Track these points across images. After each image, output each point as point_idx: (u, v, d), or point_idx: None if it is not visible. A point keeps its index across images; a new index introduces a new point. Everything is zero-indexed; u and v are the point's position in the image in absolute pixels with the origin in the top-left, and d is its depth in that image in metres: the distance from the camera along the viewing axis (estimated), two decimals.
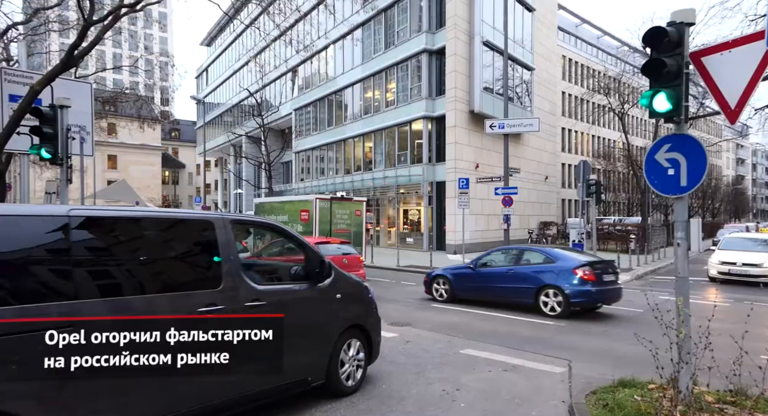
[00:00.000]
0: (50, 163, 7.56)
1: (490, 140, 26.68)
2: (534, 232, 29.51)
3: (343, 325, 5.26)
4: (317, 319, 5.00)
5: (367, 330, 5.59)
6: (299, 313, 4.78)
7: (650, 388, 5.17)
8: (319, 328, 5.00)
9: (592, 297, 9.77)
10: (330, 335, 5.10)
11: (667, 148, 4.83)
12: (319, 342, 4.98)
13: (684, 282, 4.77)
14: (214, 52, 54.88)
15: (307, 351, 4.81)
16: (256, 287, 4.41)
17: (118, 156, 61.31)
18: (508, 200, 16.69)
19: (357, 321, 5.47)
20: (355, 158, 32.65)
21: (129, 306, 3.55)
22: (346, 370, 5.28)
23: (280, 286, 5.09)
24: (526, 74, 30.72)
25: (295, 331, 4.57)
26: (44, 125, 7.16)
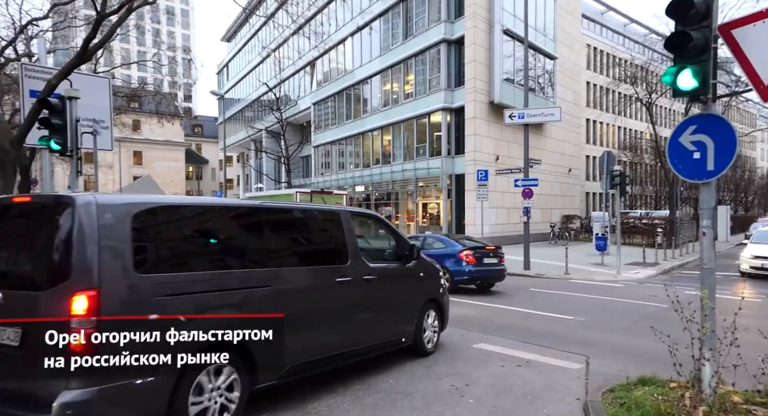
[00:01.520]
0: (60, 154, 7.55)
1: (510, 132, 26.14)
2: (556, 226, 28.86)
3: (424, 297, 6.44)
4: (408, 291, 6.20)
5: (441, 303, 6.76)
6: (397, 286, 6.04)
7: (672, 387, 4.87)
8: (410, 298, 6.20)
9: (472, 276, 11.62)
10: (416, 305, 6.27)
11: (693, 130, 4.49)
12: (410, 309, 6.16)
13: (710, 274, 4.44)
14: (234, 47, 55.18)
15: (402, 317, 6.03)
16: (369, 265, 5.58)
17: (144, 152, 62.39)
18: (528, 192, 16.28)
19: (434, 295, 6.63)
20: (373, 151, 32.44)
21: (299, 274, 4.84)
22: (427, 335, 6.43)
23: (383, 264, 6.03)
24: (548, 63, 30.00)
25: (394, 300, 5.89)
26: (53, 116, 7.13)
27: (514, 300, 10.84)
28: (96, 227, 3.46)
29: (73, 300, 3.30)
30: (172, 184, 58.01)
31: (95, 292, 3.34)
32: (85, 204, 3.52)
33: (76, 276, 3.37)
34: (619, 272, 15.78)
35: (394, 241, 6.36)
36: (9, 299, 3.53)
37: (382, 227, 6.72)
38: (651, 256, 19.15)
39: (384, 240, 6.64)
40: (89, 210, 3.50)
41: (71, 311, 3.29)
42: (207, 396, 3.83)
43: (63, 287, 3.36)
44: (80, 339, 3.27)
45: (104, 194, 4.08)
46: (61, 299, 3.33)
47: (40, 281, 3.58)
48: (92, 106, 13.26)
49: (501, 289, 12.59)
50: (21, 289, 3.64)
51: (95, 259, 3.40)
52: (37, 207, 4.03)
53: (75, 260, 3.39)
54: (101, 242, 3.45)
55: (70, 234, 3.47)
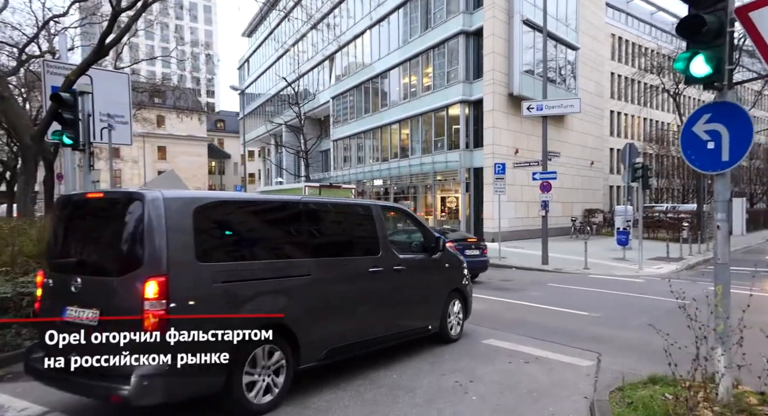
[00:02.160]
0: (72, 149, 7.65)
1: (530, 124, 25.69)
2: (577, 220, 28.30)
3: (449, 287, 6.73)
4: (435, 281, 6.50)
5: (465, 293, 7.03)
6: (424, 276, 6.35)
7: (684, 386, 4.69)
8: (436, 288, 6.50)
9: None
10: (442, 294, 6.57)
11: (707, 118, 4.29)
12: (436, 299, 6.46)
13: (724, 269, 4.26)
14: (255, 43, 55.49)
15: (429, 305, 6.34)
16: (399, 256, 5.94)
17: (167, 147, 63.41)
18: (546, 185, 15.97)
19: (458, 285, 6.91)
20: (392, 145, 32.30)
21: (336, 264, 5.21)
22: (452, 323, 6.72)
23: (411, 256, 6.36)
24: (570, 54, 29.34)
25: (421, 289, 6.21)
26: (64, 110, 7.22)
27: (528, 295, 10.65)
28: (164, 221, 3.86)
29: (146, 285, 3.72)
30: (195, 178, 58.82)
31: (164, 278, 3.75)
32: (154, 200, 3.91)
33: (148, 264, 3.80)
34: (640, 268, 15.39)
35: (421, 233, 6.73)
36: (87, 284, 4.04)
37: (410, 221, 7.10)
38: (676, 251, 18.62)
39: (412, 233, 7.07)
40: (157, 205, 3.89)
41: (144, 295, 3.71)
42: (258, 373, 4.24)
43: (136, 274, 3.80)
44: (152, 320, 3.70)
45: (169, 190, 4.36)
46: (134, 284, 3.76)
47: (115, 269, 4.01)
48: (111, 101, 13.47)
49: (515, 284, 12.41)
50: (98, 275, 4.11)
51: (164, 249, 3.81)
52: (110, 202, 4.47)
53: (146, 250, 3.82)
54: (168, 234, 3.85)
55: (141, 227, 3.88)
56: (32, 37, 15.96)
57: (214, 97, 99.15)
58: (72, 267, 4.27)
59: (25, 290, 6.30)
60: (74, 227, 4.60)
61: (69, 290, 4.06)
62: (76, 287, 4.04)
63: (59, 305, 4.13)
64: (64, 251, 4.54)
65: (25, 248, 8.07)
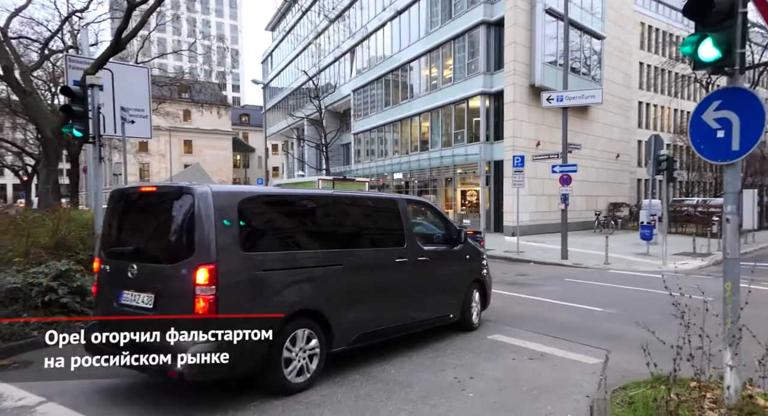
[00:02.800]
0: (82, 141, 7.75)
1: (552, 116, 25.15)
2: (601, 214, 27.65)
3: (470, 278, 6.97)
4: (456, 272, 6.72)
5: (484, 283, 7.27)
6: (446, 267, 6.57)
7: (692, 386, 4.49)
8: (458, 278, 6.72)
9: None
10: (463, 284, 6.80)
11: (717, 106, 4.06)
12: (458, 288, 6.69)
13: (734, 265, 4.04)
14: (278, 37, 55.74)
15: (451, 294, 6.58)
16: (422, 247, 6.19)
17: (193, 141, 64.44)
18: (566, 178, 15.59)
19: (478, 276, 7.13)
20: (411, 138, 32.10)
21: (365, 254, 5.49)
22: (472, 313, 6.94)
23: (434, 247, 6.57)
24: (595, 44, 28.59)
25: (444, 279, 6.44)
26: (74, 103, 7.31)
27: (542, 290, 10.42)
28: (212, 213, 4.15)
29: (197, 272, 4.03)
30: (220, 172, 59.64)
31: (213, 266, 4.06)
32: (203, 193, 4.21)
33: (198, 253, 4.10)
34: (664, 263, 14.91)
35: (444, 226, 6.97)
36: (142, 271, 4.38)
37: (433, 213, 7.29)
38: (704, 246, 18.02)
39: (435, 225, 7.21)
40: (206, 199, 4.19)
41: (195, 281, 4.02)
42: (295, 354, 4.55)
43: (188, 261, 4.11)
44: (202, 303, 4.02)
45: (217, 185, 4.70)
46: (186, 271, 4.08)
47: (168, 257, 4.36)
48: (134, 94, 13.67)
49: (531, 279, 12.18)
50: (152, 262, 4.46)
51: (212, 239, 4.11)
52: (162, 196, 4.81)
53: (197, 240, 4.12)
54: (216, 225, 4.14)
55: (192, 218, 4.18)
56: (54, 32, 16.29)
57: (239, 91, 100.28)
58: (128, 255, 4.63)
59: (35, 280, 6.44)
60: (129, 218, 4.98)
61: (126, 276, 4.42)
62: (132, 273, 4.40)
63: (116, 290, 4.52)
64: (120, 240, 4.93)
65: (40, 240, 8.26)
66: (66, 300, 6.43)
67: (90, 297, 6.88)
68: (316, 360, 4.73)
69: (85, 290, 6.80)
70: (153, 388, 4.64)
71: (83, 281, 6.81)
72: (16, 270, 6.94)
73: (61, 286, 6.45)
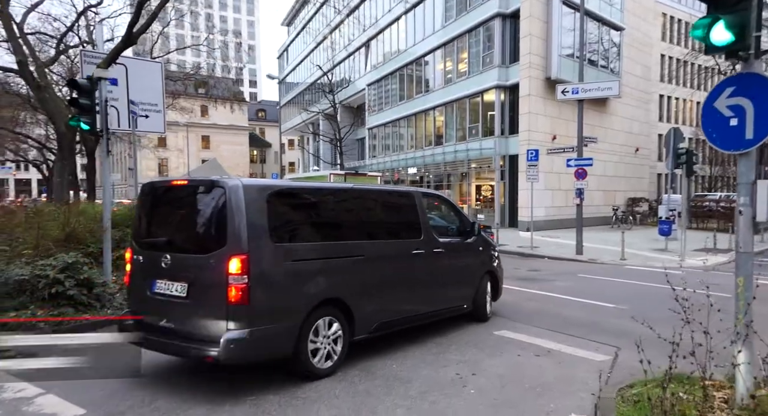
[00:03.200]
0: (89, 134, 7.78)
1: (569, 109, 24.66)
2: (619, 209, 27.11)
3: (483, 269, 7.11)
4: (470, 263, 6.88)
5: (496, 275, 7.43)
6: (460, 258, 6.73)
7: (702, 385, 4.33)
8: (471, 270, 6.88)
9: None
10: (476, 276, 6.96)
11: (730, 92, 3.87)
12: (471, 279, 6.85)
13: (747, 259, 3.87)
14: (294, 32, 55.80)
15: (465, 285, 6.73)
16: (438, 239, 6.33)
17: (211, 136, 65.05)
18: (581, 172, 15.28)
19: (490, 267, 7.28)
20: (426, 132, 31.88)
21: (384, 246, 5.65)
22: (485, 303, 7.09)
23: (449, 239, 6.69)
24: (614, 35, 27.98)
25: (458, 271, 6.60)
26: (81, 96, 7.33)
27: (553, 286, 10.23)
28: (243, 206, 4.26)
29: (230, 262, 4.14)
30: (237, 167, 60.14)
31: (246, 256, 4.16)
32: (235, 187, 4.32)
33: (231, 244, 4.20)
34: (683, 259, 14.56)
35: (458, 219, 7.14)
36: (175, 261, 4.51)
37: (447, 207, 7.42)
38: (725, 242, 17.54)
39: (449, 218, 7.30)
40: (238, 192, 4.29)
41: (228, 270, 4.12)
42: (320, 341, 4.72)
43: (221, 252, 4.22)
44: (236, 292, 4.11)
45: (247, 179, 4.78)
46: (220, 261, 4.18)
47: (202, 247, 4.48)
48: (147, 89, 13.72)
49: (543, 274, 11.98)
50: (186, 253, 4.58)
51: (244, 230, 4.21)
52: (194, 189, 4.94)
53: (229, 231, 4.22)
54: (248, 217, 4.25)
55: (224, 211, 4.29)
56: (69, 27, 16.46)
57: (256, 86, 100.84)
58: (161, 246, 4.78)
59: (42, 273, 6.48)
60: (161, 211, 5.15)
61: (159, 265, 4.55)
62: (165, 263, 4.52)
63: (149, 279, 4.67)
64: (153, 232, 5.11)
65: (51, 233, 8.35)
66: (72, 292, 6.46)
67: (97, 289, 6.95)
68: (340, 347, 4.91)
69: (92, 283, 6.86)
70: (148, 383, 4.63)
71: (90, 273, 6.85)
72: (25, 262, 7.02)
73: (68, 278, 6.47)
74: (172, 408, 4.02)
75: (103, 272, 7.63)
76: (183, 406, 4.06)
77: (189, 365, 5.11)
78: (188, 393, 4.34)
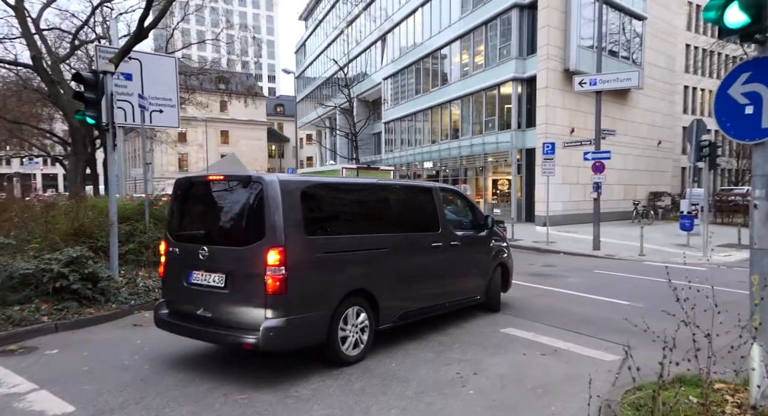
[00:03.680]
0: (95, 128, 7.79)
1: (588, 102, 24.06)
2: (640, 203, 26.46)
3: (495, 262, 7.29)
4: (484, 256, 7.10)
5: (507, 267, 7.61)
6: (475, 251, 6.96)
7: (716, 388, 4.11)
8: (485, 262, 7.09)
9: None
10: (489, 268, 7.15)
11: (746, 78, 3.63)
12: (485, 271, 7.06)
13: (761, 256, 3.64)
14: (311, 26, 55.76)
15: (478, 277, 6.95)
16: (455, 233, 6.56)
17: (230, 131, 65.59)
18: (598, 166, 14.90)
19: (502, 260, 7.48)
20: (442, 126, 31.56)
21: (407, 239, 5.81)
22: (497, 294, 7.34)
23: (464, 232, 6.86)
24: (636, 25, 27.22)
25: (473, 263, 6.83)
26: (86, 90, 7.33)
27: (567, 282, 9.97)
28: (280, 200, 4.41)
29: (268, 254, 4.29)
30: (256, 162, 60.52)
31: (283, 248, 4.32)
32: (272, 182, 4.48)
33: (269, 237, 4.36)
34: (705, 255, 14.11)
35: (472, 212, 7.33)
36: (213, 253, 4.67)
37: (462, 201, 7.59)
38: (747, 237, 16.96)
39: (463, 212, 7.44)
40: (275, 187, 4.44)
41: (267, 262, 4.28)
42: (348, 329, 4.92)
43: (259, 244, 4.37)
44: (273, 282, 4.27)
45: (283, 175, 4.93)
46: (258, 253, 4.34)
47: (240, 240, 4.65)
48: (161, 83, 13.78)
49: (557, 270, 11.71)
50: (224, 245, 4.76)
51: (281, 224, 4.37)
52: (231, 184, 5.07)
53: (267, 225, 4.38)
54: (284, 211, 4.40)
55: (261, 205, 4.44)
56: (84, 22, 16.60)
57: (275, 82, 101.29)
58: (199, 239, 4.94)
59: (47, 266, 6.51)
60: (196, 205, 5.35)
61: (196, 257, 4.71)
62: (203, 255, 4.68)
63: (186, 270, 4.82)
64: (189, 225, 5.30)
65: (60, 227, 8.42)
66: (77, 286, 6.48)
67: (102, 284, 6.96)
68: (366, 335, 5.11)
69: (97, 277, 6.86)
70: (140, 381, 4.57)
71: (95, 267, 6.87)
72: (33, 256, 7.07)
73: (72, 272, 6.50)
74: (161, 406, 3.96)
75: (109, 267, 7.66)
76: (172, 404, 3.99)
77: (180, 363, 5.05)
78: (178, 391, 4.27)
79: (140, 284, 7.79)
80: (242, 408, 3.95)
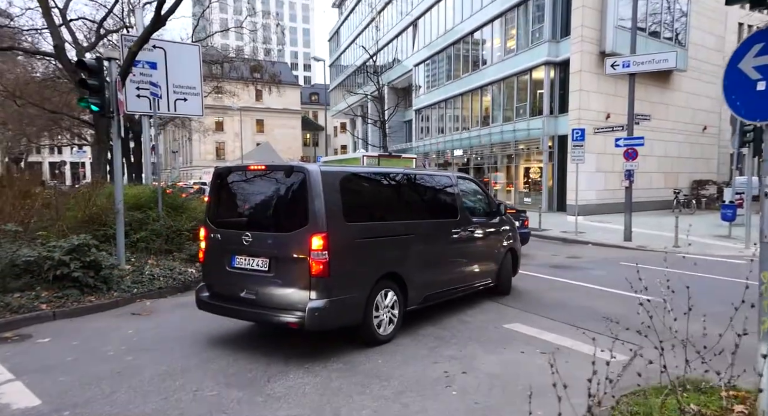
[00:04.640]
0: (99, 116, 7.81)
1: (625, 85, 22.93)
2: (681, 192, 25.13)
3: (506, 247, 7.59)
4: (496, 241, 7.41)
5: (516, 252, 7.96)
6: (489, 236, 7.25)
7: (722, 395, 3.72)
8: (497, 247, 7.40)
9: None
10: (501, 253, 7.45)
11: (758, 50, 3.18)
12: (496, 256, 7.36)
13: None
14: (344, 13, 55.42)
15: (492, 261, 7.26)
16: (472, 219, 6.86)
17: (265, 120, 66.38)
18: (631, 152, 14.12)
19: (512, 245, 7.78)
20: (473, 113, 30.81)
21: (430, 225, 6.13)
22: (507, 277, 7.68)
23: (479, 219, 7.13)
24: (682, 2, 25.65)
25: (487, 248, 7.18)
26: (90, 77, 7.32)
27: (587, 275, 9.48)
28: (322, 189, 4.68)
29: (312, 239, 4.58)
30: (290, 150, 61.09)
31: (326, 234, 4.60)
32: (314, 172, 4.75)
33: (312, 223, 4.63)
34: (747, 247, 13.20)
35: (486, 199, 7.60)
36: (257, 238, 4.94)
37: (477, 188, 7.72)
38: None
39: (478, 199, 7.57)
40: (317, 177, 4.71)
41: (311, 247, 4.56)
42: (382, 310, 5.22)
43: (303, 230, 4.65)
44: (317, 266, 4.56)
45: (323, 165, 5.20)
46: (302, 239, 4.62)
47: (284, 226, 4.93)
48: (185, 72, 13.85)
49: (580, 262, 11.18)
50: (268, 231, 5.04)
51: (323, 211, 4.64)
52: (273, 174, 5.28)
53: (310, 212, 4.65)
54: (326, 199, 4.67)
55: (304, 193, 4.69)
56: (109, 10, 16.85)
57: (310, 70, 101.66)
58: (242, 225, 5.21)
59: (50, 254, 6.57)
60: (237, 193, 5.60)
61: (239, 243, 4.97)
62: (246, 240, 4.94)
63: (228, 255, 5.10)
64: (231, 212, 5.53)
65: (69, 214, 8.54)
66: (77, 274, 6.53)
67: (104, 272, 6.99)
68: (396, 317, 5.40)
69: (99, 265, 6.90)
70: (115, 373, 4.51)
71: (97, 255, 6.89)
72: (41, 243, 7.17)
73: (74, 260, 6.54)
74: (127, 401, 3.87)
75: (115, 254, 7.71)
76: (138, 400, 3.88)
77: (162, 356, 4.96)
78: (149, 386, 4.18)
79: (146, 272, 7.81)
80: (209, 405, 3.82)
